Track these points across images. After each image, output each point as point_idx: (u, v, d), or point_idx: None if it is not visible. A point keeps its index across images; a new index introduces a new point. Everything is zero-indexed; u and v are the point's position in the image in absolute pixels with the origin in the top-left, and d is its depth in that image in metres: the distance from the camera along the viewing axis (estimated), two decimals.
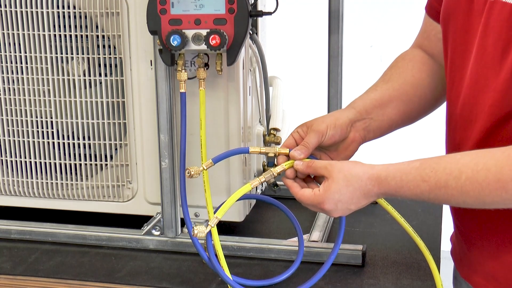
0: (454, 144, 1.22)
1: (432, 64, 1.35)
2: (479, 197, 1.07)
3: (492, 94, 1.12)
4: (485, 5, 1.13)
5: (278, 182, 1.43)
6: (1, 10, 1.42)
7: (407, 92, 1.33)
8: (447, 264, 1.44)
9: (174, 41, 1.27)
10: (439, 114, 1.36)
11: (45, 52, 1.43)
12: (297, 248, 1.34)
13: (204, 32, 1.28)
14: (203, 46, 1.28)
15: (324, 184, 1.17)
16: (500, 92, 1.11)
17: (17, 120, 1.48)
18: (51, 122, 1.47)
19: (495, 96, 1.12)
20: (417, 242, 1.31)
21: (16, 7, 1.42)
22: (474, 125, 1.16)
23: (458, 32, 1.20)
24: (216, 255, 1.24)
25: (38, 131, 1.48)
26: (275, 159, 1.26)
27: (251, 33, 1.42)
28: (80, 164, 1.49)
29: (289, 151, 1.24)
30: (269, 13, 1.36)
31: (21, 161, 1.50)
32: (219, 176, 1.42)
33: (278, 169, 1.23)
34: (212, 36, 1.26)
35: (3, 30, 1.43)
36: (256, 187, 1.53)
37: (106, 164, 1.48)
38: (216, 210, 1.21)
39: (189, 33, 1.28)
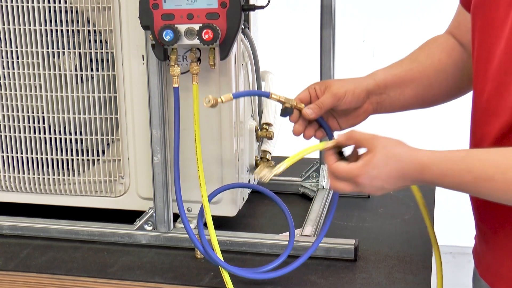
0: (476, 137, 1.21)
1: (461, 52, 1.33)
2: None
3: None
4: None
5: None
6: None
7: (429, 76, 1.32)
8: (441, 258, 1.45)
9: (167, 36, 1.27)
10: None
11: (37, 47, 1.43)
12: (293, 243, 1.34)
13: (196, 26, 1.27)
14: (196, 41, 1.28)
15: (364, 157, 1.13)
16: None
17: (8, 115, 1.48)
18: (43, 117, 1.47)
19: None
20: (432, 239, 1.31)
21: (7, 2, 1.41)
22: (497, 120, 1.14)
23: (486, 24, 1.18)
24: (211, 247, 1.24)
25: (29, 126, 1.48)
26: (291, 111, 1.24)
27: (243, 27, 1.42)
28: (72, 159, 1.48)
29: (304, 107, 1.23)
30: (262, 7, 1.36)
31: (12, 156, 1.50)
32: (211, 170, 1.42)
33: (326, 144, 1.18)
34: (205, 30, 1.26)
35: None
36: (249, 180, 1.53)
37: (98, 159, 1.48)
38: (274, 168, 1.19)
39: (182, 27, 1.28)
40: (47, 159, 1.49)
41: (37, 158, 1.49)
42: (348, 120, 1.30)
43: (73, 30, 1.41)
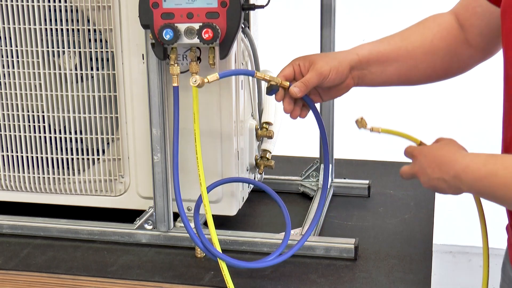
0: (507, 141, 1.20)
1: (458, 36, 1.31)
2: None
3: None
4: None
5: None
6: None
7: (416, 57, 1.31)
8: (441, 257, 1.45)
9: (167, 35, 1.27)
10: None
11: (37, 46, 1.43)
12: (291, 241, 1.34)
13: (196, 26, 1.27)
14: (196, 40, 1.28)
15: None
16: None
17: (8, 114, 1.48)
18: (43, 116, 1.47)
19: None
20: (483, 238, 1.31)
21: (7, 1, 1.41)
22: None
23: None
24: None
25: (29, 126, 1.48)
26: (277, 88, 1.26)
27: (243, 26, 1.42)
28: (72, 159, 1.48)
29: (289, 86, 1.25)
30: (261, 7, 1.36)
31: (12, 156, 1.50)
32: (211, 169, 1.42)
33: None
34: (205, 30, 1.26)
35: None
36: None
37: (98, 158, 1.48)
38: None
39: (182, 27, 1.28)
40: (47, 158, 1.49)
41: (37, 157, 1.49)
42: (330, 93, 1.32)
43: (73, 29, 1.41)
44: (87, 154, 1.48)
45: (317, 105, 1.69)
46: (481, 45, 1.30)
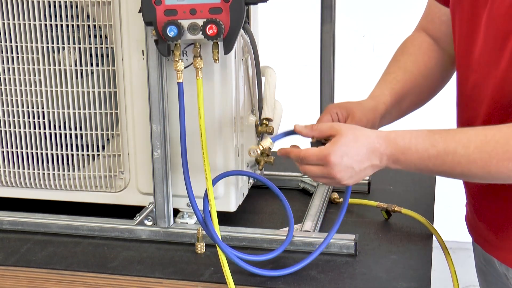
0: (462, 124, 1.27)
1: (438, 50, 1.38)
2: (485, 167, 1.10)
3: (494, 81, 1.18)
4: None
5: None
6: None
7: (420, 84, 1.38)
8: (441, 253, 1.45)
9: (171, 31, 1.27)
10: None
11: (36, 42, 1.42)
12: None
13: (199, 21, 1.27)
14: (200, 36, 1.27)
15: (332, 140, 1.18)
16: (501, 80, 1.17)
17: (7, 110, 1.48)
18: (43, 112, 1.47)
19: (497, 83, 1.17)
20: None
21: None
22: (480, 108, 1.21)
23: (464, 21, 1.24)
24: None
25: (29, 122, 1.48)
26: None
27: (246, 21, 1.42)
28: (72, 155, 1.48)
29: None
30: (264, 1, 1.35)
31: (12, 152, 1.50)
32: (211, 165, 1.41)
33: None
34: (209, 25, 1.25)
35: None
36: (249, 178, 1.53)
37: (98, 155, 1.48)
38: None
39: (185, 23, 1.27)
40: (47, 154, 1.49)
41: (37, 153, 1.49)
42: None
43: (73, 25, 1.41)
44: (87, 150, 1.48)
45: (317, 103, 1.69)
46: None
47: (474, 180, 1.18)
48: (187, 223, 1.45)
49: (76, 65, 1.43)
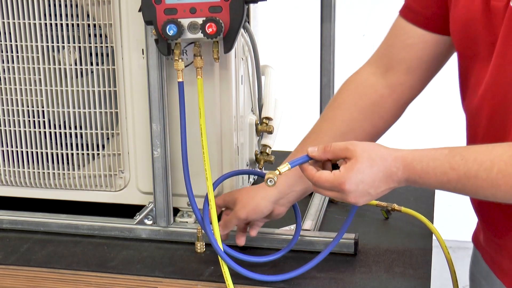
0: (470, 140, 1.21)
1: (375, 95, 1.32)
2: (511, 191, 1.03)
3: None
4: (504, 14, 1.09)
5: None
6: None
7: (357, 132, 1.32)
8: (441, 252, 1.45)
9: (170, 30, 1.26)
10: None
11: (36, 41, 1.42)
12: (291, 236, 1.34)
13: (199, 20, 1.27)
14: (199, 35, 1.27)
15: (346, 164, 1.10)
16: None
17: (7, 109, 1.47)
18: (43, 111, 1.47)
19: None
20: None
21: None
22: (508, 135, 1.12)
23: (467, 52, 1.18)
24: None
25: (29, 121, 1.48)
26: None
27: (246, 19, 1.42)
28: (72, 154, 1.48)
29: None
30: None
31: (12, 151, 1.50)
32: (211, 165, 1.41)
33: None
34: (208, 24, 1.25)
35: None
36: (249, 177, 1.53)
37: (98, 154, 1.48)
38: None
39: (185, 22, 1.27)
40: (47, 153, 1.49)
41: (37, 152, 1.49)
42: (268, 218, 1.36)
43: (72, 24, 1.41)
44: (87, 149, 1.48)
45: (317, 103, 1.69)
46: (418, 74, 1.29)
47: (498, 201, 1.09)
48: (187, 222, 1.45)
49: (76, 64, 1.43)
